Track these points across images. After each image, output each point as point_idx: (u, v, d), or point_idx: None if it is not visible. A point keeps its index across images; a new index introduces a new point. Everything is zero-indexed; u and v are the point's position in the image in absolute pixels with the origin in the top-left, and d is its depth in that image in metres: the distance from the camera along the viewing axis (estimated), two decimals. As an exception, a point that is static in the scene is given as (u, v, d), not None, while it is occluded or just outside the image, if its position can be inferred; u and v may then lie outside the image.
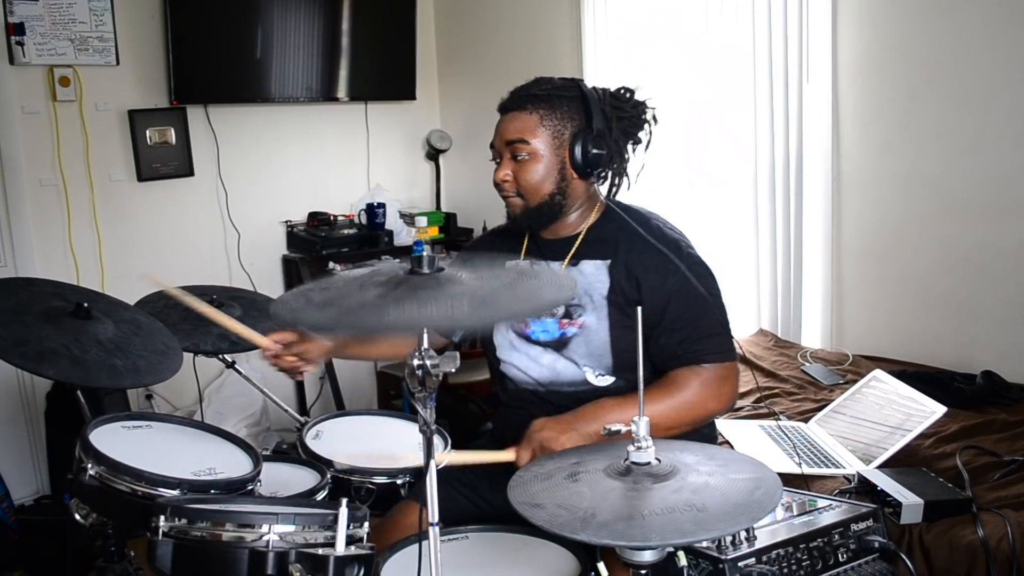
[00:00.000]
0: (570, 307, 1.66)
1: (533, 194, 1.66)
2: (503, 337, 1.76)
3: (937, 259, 2.57)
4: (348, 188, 3.98)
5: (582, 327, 1.65)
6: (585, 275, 1.67)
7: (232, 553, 1.23)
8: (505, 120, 1.70)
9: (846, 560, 1.35)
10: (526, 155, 1.65)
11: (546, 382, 1.70)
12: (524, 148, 1.65)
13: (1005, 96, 2.37)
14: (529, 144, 1.64)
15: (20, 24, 3.01)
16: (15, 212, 3.13)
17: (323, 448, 1.86)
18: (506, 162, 1.68)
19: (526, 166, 1.65)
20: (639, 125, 1.71)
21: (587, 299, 1.65)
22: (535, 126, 1.65)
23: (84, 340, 1.62)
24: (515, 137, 1.66)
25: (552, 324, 1.68)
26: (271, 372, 1.86)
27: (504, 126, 1.69)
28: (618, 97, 1.70)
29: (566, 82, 1.70)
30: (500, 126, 1.71)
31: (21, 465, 3.19)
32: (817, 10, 2.69)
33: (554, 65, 3.52)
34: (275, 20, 3.56)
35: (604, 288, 1.64)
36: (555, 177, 1.65)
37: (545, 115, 1.65)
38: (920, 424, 1.92)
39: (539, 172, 1.65)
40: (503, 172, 1.68)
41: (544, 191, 1.66)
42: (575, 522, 1.05)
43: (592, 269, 1.67)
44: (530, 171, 1.65)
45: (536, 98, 1.67)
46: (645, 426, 1.18)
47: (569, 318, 1.67)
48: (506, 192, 1.70)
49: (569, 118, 1.65)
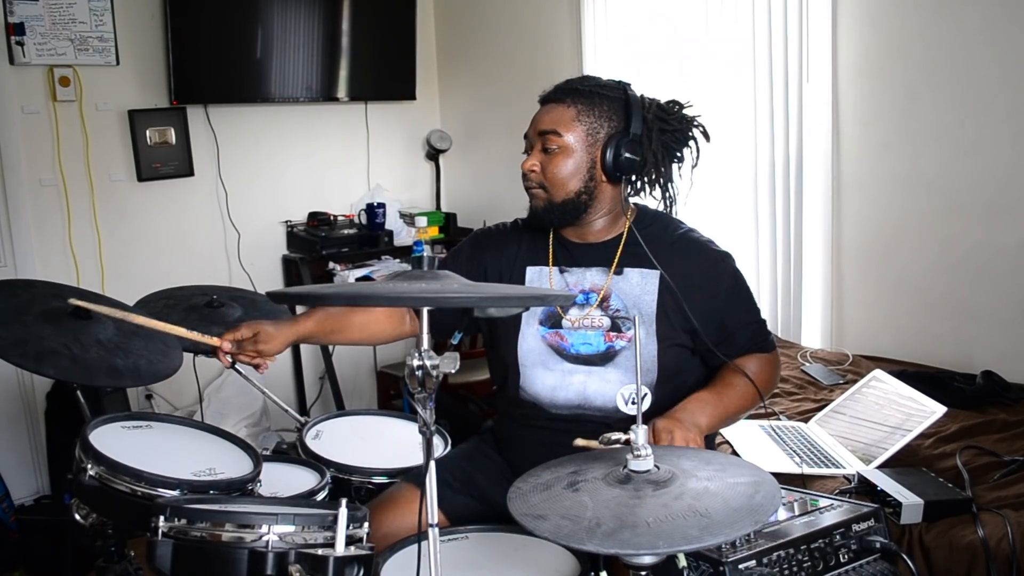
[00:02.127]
0: (617, 320, 1.64)
1: (558, 189, 1.63)
2: (531, 349, 1.68)
3: (937, 259, 2.57)
4: (348, 188, 3.98)
5: (631, 341, 1.62)
6: (632, 284, 1.65)
7: (232, 553, 1.23)
8: (542, 111, 1.67)
9: (847, 561, 1.35)
10: (556, 148, 1.62)
11: (573, 406, 1.65)
12: (556, 140, 1.62)
13: (1005, 96, 2.36)
14: (561, 137, 1.61)
15: (20, 24, 3.01)
16: (15, 212, 3.13)
17: (323, 448, 1.86)
18: (536, 152, 1.65)
19: (555, 159, 1.62)
20: (682, 141, 1.68)
21: (636, 312, 1.62)
22: (571, 120, 1.62)
23: (84, 340, 1.62)
24: (548, 128, 1.63)
25: (596, 337, 1.64)
26: (271, 372, 1.85)
27: (540, 116, 1.66)
28: (665, 109, 1.67)
29: (612, 83, 1.67)
30: (536, 116, 1.67)
31: (21, 465, 3.19)
32: (817, 10, 2.69)
33: (554, 65, 3.52)
34: (275, 20, 3.56)
35: (652, 301, 1.63)
36: (583, 175, 1.63)
37: (583, 110, 1.62)
38: (920, 424, 1.92)
39: (567, 167, 1.62)
40: (531, 162, 1.65)
41: (570, 188, 1.63)
42: (580, 532, 1.04)
43: (639, 279, 1.65)
44: (558, 164, 1.62)
45: (577, 92, 1.64)
46: (643, 435, 1.18)
47: (617, 331, 1.64)
48: (530, 183, 1.66)
49: (607, 118, 1.63)
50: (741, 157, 2.97)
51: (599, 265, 1.68)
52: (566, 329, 1.67)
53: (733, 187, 3.02)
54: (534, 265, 1.73)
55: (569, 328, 1.66)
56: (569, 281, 1.69)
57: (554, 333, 1.67)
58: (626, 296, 1.65)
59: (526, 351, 1.68)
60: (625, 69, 3.24)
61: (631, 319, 1.63)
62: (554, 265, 1.71)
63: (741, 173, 2.98)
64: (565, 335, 1.66)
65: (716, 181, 3.05)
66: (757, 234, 2.96)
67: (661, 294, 1.63)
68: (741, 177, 2.98)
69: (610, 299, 1.66)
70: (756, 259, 2.97)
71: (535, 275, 1.72)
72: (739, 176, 2.99)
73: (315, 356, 3.84)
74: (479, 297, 1.20)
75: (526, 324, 1.69)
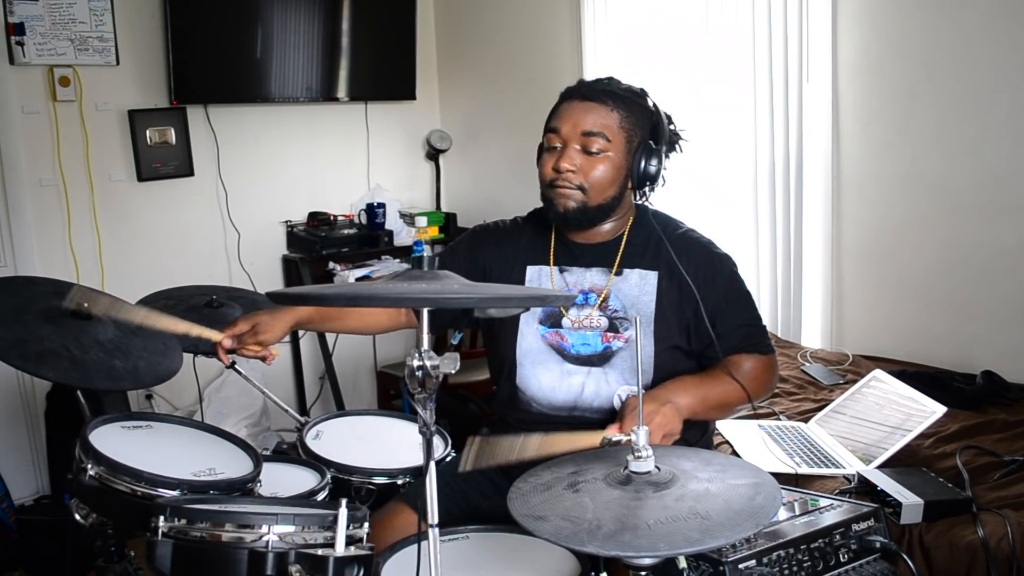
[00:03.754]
0: (615, 320, 1.64)
1: (598, 193, 1.59)
2: (531, 348, 1.68)
3: (937, 259, 2.57)
4: (348, 188, 3.98)
5: (628, 341, 1.62)
6: (631, 285, 1.65)
7: (231, 553, 1.23)
8: (580, 108, 1.59)
9: (847, 560, 1.35)
10: (600, 151, 1.58)
11: (570, 406, 1.65)
12: (602, 144, 1.57)
13: (1005, 96, 2.36)
14: (610, 141, 1.58)
15: (20, 24, 3.01)
16: (15, 212, 3.13)
17: (323, 448, 1.86)
18: (574, 151, 1.59)
19: (598, 162, 1.58)
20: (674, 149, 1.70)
21: (634, 313, 1.62)
22: (616, 124, 1.59)
23: (84, 341, 1.62)
24: (596, 129, 1.57)
25: (594, 337, 1.64)
26: (271, 372, 1.86)
27: (581, 115, 1.58)
28: (671, 120, 1.68)
29: (637, 90, 1.65)
30: (572, 112, 1.59)
31: (21, 465, 3.19)
32: (817, 10, 2.69)
33: (554, 65, 3.52)
34: (275, 20, 3.56)
35: (651, 302, 1.63)
36: (620, 182, 1.61)
37: (624, 117, 1.59)
38: (920, 424, 1.91)
39: (609, 172, 1.59)
40: (571, 160, 1.58)
41: (608, 193, 1.60)
42: (581, 534, 1.04)
43: (638, 279, 1.65)
44: (601, 168, 1.58)
45: (617, 97, 1.60)
46: (644, 436, 1.18)
47: (615, 331, 1.64)
48: (567, 183, 1.59)
49: (640, 127, 1.61)
50: (741, 157, 2.96)
51: (599, 265, 1.67)
52: (566, 329, 1.67)
53: (733, 187, 3.01)
54: (534, 264, 1.72)
55: (569, 328, 1.66)
56: (569, 281, 1.69)
57: (554, 333, 1.67)
58: (625, 297, 1.65)
59: (525, 350, 1.68)
60: (625, 69, 3.23)
61: (629, 319, 1.63)
62: (555, 264, 1.71)
63: (741, 173, 2.98)
64: (565, 335, 1.66)
65: (716, 181, 3.05)
66: (757, 234, 2.96)
67: (660, 295, 1.63)
68: (741, 177, 2.98)
69: (609, 300, 1.66)
70: (756, 259, 2.97)
71: (535, 274, 1.72)
72: (739, 176, 2.99)
73: (315, 356, 3.84)
74: (479, 298, 1.20)
75: (525, 323, 1.69)
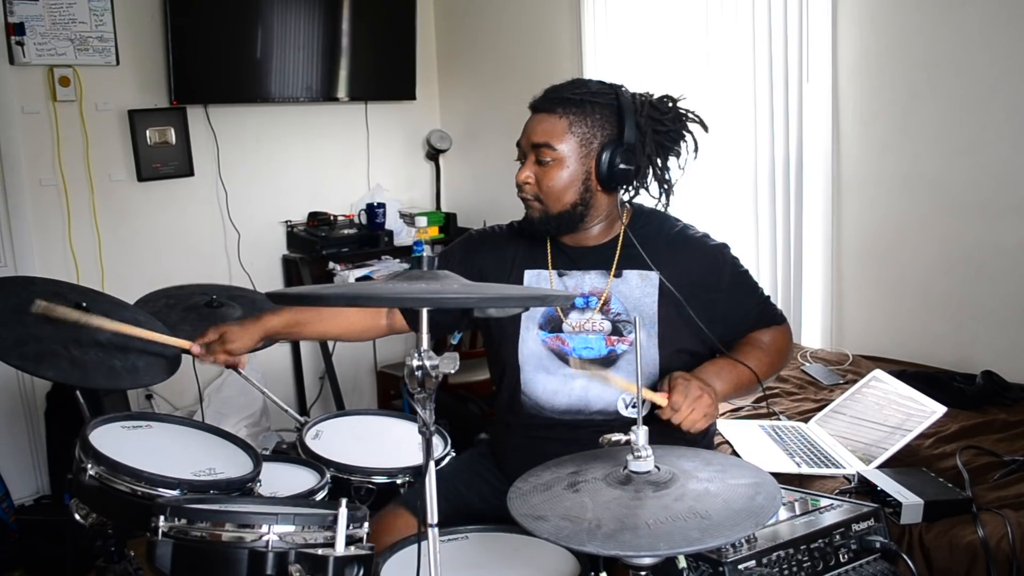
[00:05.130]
0: (618, 323, 1.63)
1: (554, 201, 1.61)
2: (532, 354, 1.67)
3: (937, 259, 2.57)
4: (348, 188, 3.98)
5: (633, 345, 1.61)
6: (632, 287, 1.64)
7: (232, 553, 1.23)
8: (534, 120, 1.63)
9: (847, 560, 1.35)
10: (551, 160, 1.59)
11: (574, 411, 1.64)
12: (549, 153, 1.59)
13: (1005, 96, 2.36)
14: (555, 150, 1.59)
15: (20, 24, 3.01)
16: (15, 212, 3.13)
17: (323, 448, 1.86)
18: (529, 164, 1.62)
19: (549, 171, 1.60)
20: (677, 138, 1.66)
21: (635, 315, 1.61)
22: (563, 131, 1.59)
23: (84, 341, 1.62)
24: (541, 140, 1.59)
25: (598, 341, 1.64)
26: (271, 372, 1.86)
27: (532, 127, 1.62)
28: (658, 108, 1.64)
29: (603, 87, 1.63)
30: (528, 126, 1.64)
31: (21, 465, 3.19)
32: (817, 10, 2.69)
33: (554, 65, 3.52)
34: (275, 20, 3.56)
35: (653, 303, 1.62)
36: (579, 187, 1.60)
37: (575, 121, 1.59)
38: (920, 424, 1.91)
39: (562, 179, 1.59)
40: (525, 174, 1.63)
41: (566, 200, 1.61)
42: (581, 534, 1.04)
43: (639, 280, 1.64)
44: (553, 177, 1.60)
45: (568, 102, 1.60)
46: (644, 435, 1.18)
47: (619, 335, 1.63)
48: (525, 194, 1.64)
49: (600, 127, 1.60)
50: (741, 157, 2.96)
51: (598, 268, 1.67)
52: (567, 333, 1.66)
53: (733, 187, 3.01)
54: (532, 268, 1.72)
55: (570, 332, 1.66)
56: (568, 285, 1.68)
57: (555, 337, 1.66)
58: (626, 299, 1.64)
59: (527, 355, 1.67)
60: (625, 69, 3.24)
61: (632, 322, 1.62)
62: (553, 269, 1.70)
63: (741, 173, 2.98)
64: (566, 339, 1.66)
65: (716, 181, 3.05)
66: (757, 234, 2.96)
67: (661, 295, 1.63)
68: (741, 177, 2.98)
69: (610, 302, 1.65)
70: (756, 259, 2.97)
71: (533, 278, 1.71)
72: (739, 176, 2.98)
73: (315, 356, 3.84)
74: (479, 297, 1.20)
75: (525, 328, 1.68)
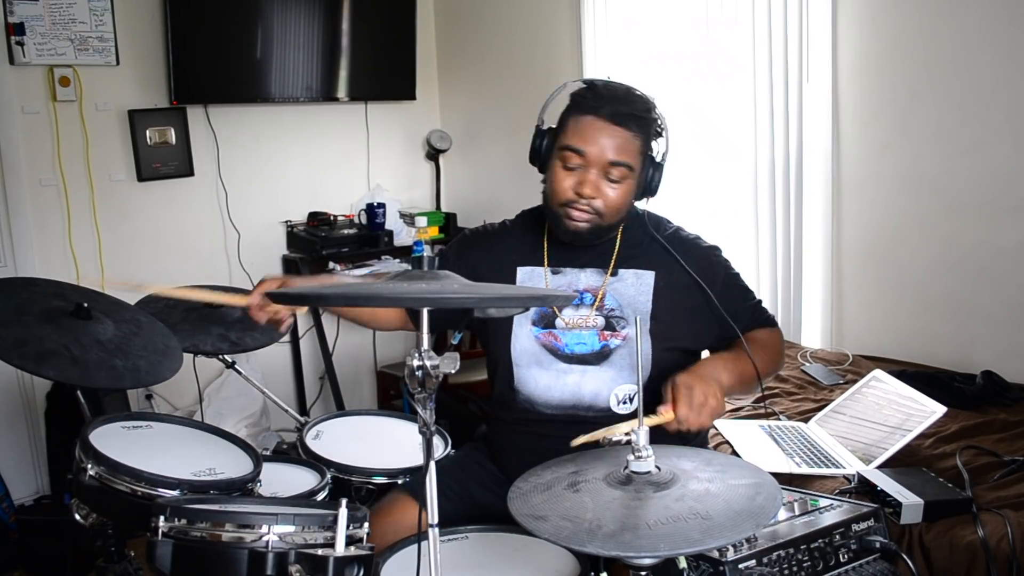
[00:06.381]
0: (611, 319, 1.65)
1: (614, 215, 1.60)
2: (524, 349, 1.68)
3: (937, 259, 2.57)
4: (348, 188, 3.98)
5: (626, 339, 1.63)
6: (627, 284, 1.65)
7: (232, 553, 1.23)
8: (606, 133, 1.56)
9: (847, 560, 1.35)
10: (623, 179, 1.58)
11: (567, 406, 1.65)
12: (624, 172, 1.57)
13: (1005, 96, 2.36)
14: (633, 171, 1.58)
15: (20, 24, 3.01)
16: (15, 212, 3.13)
17: (323, 448, 1.86)
18: (597, 177, 1.58)
19: (621, 189, 1.58)
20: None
21: (630, 311, 1.63)
22: (637, 151, 1.59)
23: (84, 340, 1.62)
24: (620, 160, 1.56)
25: (591, 336, 1.65)
26: (271, 372, 1.87)
27: (607, 141, 1.56)
28: None
29: (653, 104, 1.63)
30: (598, 137, 1.56)
31: (21, 465, 3.19)
32: (817, 10, 2.69)
33: (554, 65, 3.52)
34: (275, 20, 3.56)
35: (648, 301, 1.63)
36: (631, 200, 1.63)
37: (644, 141, 1.60)
38: (920, 424, 1.92)
39: (628, 196, 1.61)
40: (593, 187, 1.57)
41: (622, 214, 1.62)
42: (581, 534, 1.04)
43: (634, 279, 1.65)
44: (622, 194, 1.59)
45: (641, 121, 1.59)
46: (644, 435, 1.18)
47: (612, 330, 1.64)
48: (587, 207, 1.58)
49: (652, 142, 1.62)
50: (741, 157, 2.96)
51: (594, 266, 1.68)
52: (560, 329, 1.67)
53: (733, 187, 3.01)
54: (525, 265, 1.72)
55: (563, 328, 1.67)
56: (562, 282, 1.69)
57: (547, 333, 1.67)
58: (621, 296, 1.66)
59: (519, 351, 1.68)
60: (625, 69, 3.24)
61: (626, 318, 1.64)
62: (547, 265, 1.71)
63: (741, 173, 2.98)
64: (559, 335, 1.67)
65: (716, 181, 3.05)
66: (757, 234, 2.96)
67: (656, 295, 1.64)
68: (741, 177, 2.98)
69: (605, 299, 1.66)
70: (756, 259, 2.97)
71: (526, 275, 1.72)
72: (739, 176, 2.98)
73: (315, 356, 3.84)
74: (479, 297, 1.20)
75: (518, 325, 1.68)
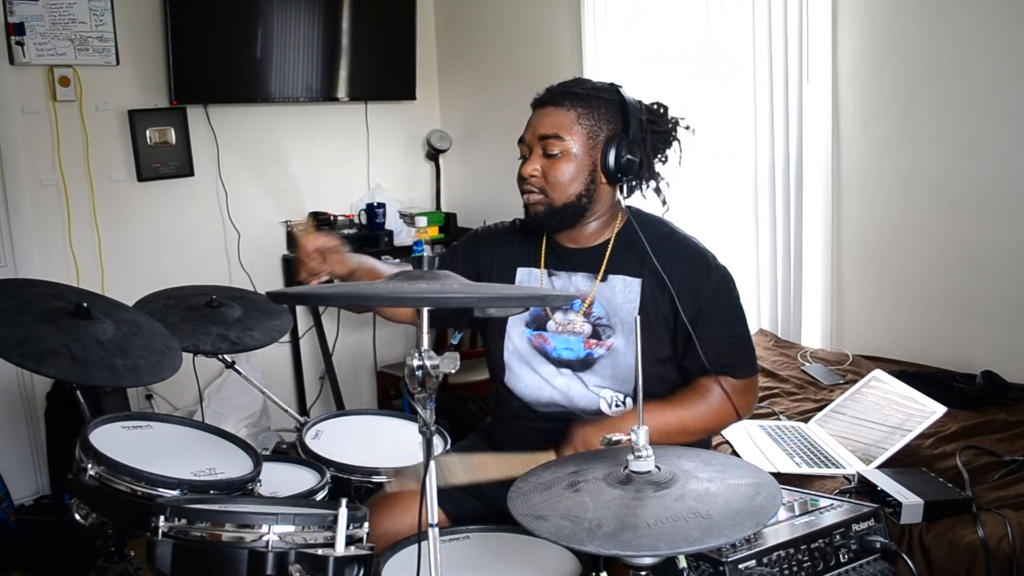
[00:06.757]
0: (598, 327, 1.64)
1: (559, 193, 1.62)
2: (516, 349, 1.70)
3: (937, 259, 2.57)
4: (348, 188, 3.98)
5: (610, 349, 1.63)
6: (615, 292, 1.65)
7: (232, 553, 1.23)
8: (540, 114, 1.65)
9: (847, 560, 1.35)
10: (559, 152, 1.61)
11: (557, 406, 1.66)
12: (558, 144, 1.61)
13: (1005, 96, 2.36)
14: (564, 141, 1.61)
15: (20, 24, 3.01)
16: (15, 212, 3.13)
17: (323, 448, 1.86)
18: (536, 157, 1.64)
19: (557, 163, 1.61)
20: (668, 141, 1.69)
21: (616, 320, 1.63)
22: (571, 123, 1.61)
23: (84, 340, 1.62)
24: (550, 132, 1.61)
25: (577, 342, 1.65)
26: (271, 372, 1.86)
27: (538, 120, 1.64)
28: (653, 111, 1.68)
29: (605, 85, 1.66)
30: (534, 120, 1.66)
31: (21, 465, 3.19)
32: (817, 10, 2.69)
33: (554, 65, 3.52)
34: (275, 20, 3.55)
35: (634, 309, 1.63)
36: (585, 178, 1.62)
37: (583, 114, 1.62)
38: (920, 424, 1.92)
39: (569, 171, 1.61)
40: (532, 166, 1.63)
41: (571, 191, 1.62)
42: (581, 533, 1.05)
43: (622, 286, 1.65)
44: (560, 169, 1.61)
45: (575, 96, 1.63)
46: (644, 435, 1.18)
47: (597, 339, 1.64)
48: (530, 187, 1.64)
49: (606, 120, 1.62)
50: (741, 157, 2.96)
51: (585, 271, 1.68)
52: (550, 332, 1.68)
53: (733, 187, 3.01)
54: (525, 266, 1.74)
55: (553, 331, 1.68)
56: (556, 285, 1.70)
57: (539, 335, 1.69)
58: (608, 304, 1.66)
59: (512, 351, 1.71)
60: (625, 69, 3.24)
61: (612, 327, 1.64)
62: (545, 267, 1.72)
63: (741, 173, 2.98)
64: (549, 338, 1.68)
65: (716, 181, 3.05)
66: (757, 234, 2.96)
67: (643, 303, 1.63)
68: (741, 177, 2.98)
69: (593, 306, 1.67)
70: (756, 259, 2.96)
71: (525, 276, 1.73)
72: (739, 176, 2.98)
73: (315, 356, 3.84)
74: (479, 297, 1.21)
75: (512, 325, 1.70)
